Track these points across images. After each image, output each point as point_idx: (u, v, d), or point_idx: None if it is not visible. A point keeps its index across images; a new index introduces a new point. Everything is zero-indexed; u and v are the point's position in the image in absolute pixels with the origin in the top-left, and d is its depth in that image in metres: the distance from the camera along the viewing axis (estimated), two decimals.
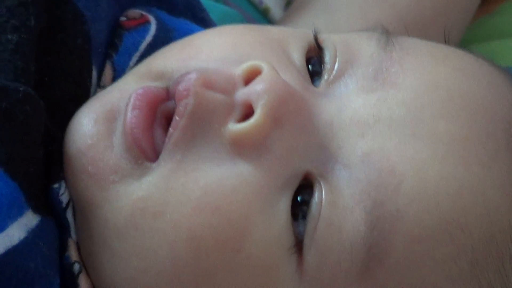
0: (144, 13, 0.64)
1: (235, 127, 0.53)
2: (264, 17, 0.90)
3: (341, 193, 0.52)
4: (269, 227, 0.52)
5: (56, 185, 0.54)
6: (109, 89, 0.58)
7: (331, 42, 0.58)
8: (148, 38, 0.62)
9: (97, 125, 0.54)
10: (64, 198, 0.54)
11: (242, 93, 0.53)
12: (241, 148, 0.52)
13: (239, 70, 0.54)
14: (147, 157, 0.53)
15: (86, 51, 0.59)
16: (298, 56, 0.58)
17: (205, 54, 0.57)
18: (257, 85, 0.53)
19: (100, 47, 0.60)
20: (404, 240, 0.51)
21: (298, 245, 0.52)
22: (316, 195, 0.52)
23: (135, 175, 0.53)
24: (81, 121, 0.55)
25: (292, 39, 0.59)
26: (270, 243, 0.52)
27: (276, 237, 0.52)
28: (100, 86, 0.60)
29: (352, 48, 0.58)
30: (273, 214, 0.52)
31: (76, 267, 0.54)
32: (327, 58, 0.58)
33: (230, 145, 0.52)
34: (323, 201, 0.52)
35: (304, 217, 0.52)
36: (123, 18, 0.63)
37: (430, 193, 0.52)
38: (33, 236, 0.51)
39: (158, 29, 0.63)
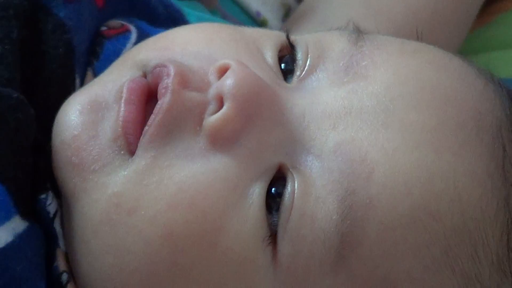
0: (124, 23, 0.65)
1: (207, 120, 0.53)
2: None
3: (313, 183, 0.52)
4: (244, 220, 0.52)
5: (43, 196, 0.54)
6: (92, 82, 0.59)
7: (303, 41, 0.59)
8: (129, 46, 0.64)
9: (82, 116, 0.55)
10: (52, 208, 0.55)
11: (214, 88, 0.54)
12: (214, 141, 0.53)
13: (211, 69, 0.55)
14: (130, 150, 0.53)
15: (69, 60, 0.59)
16: (270, 54, 0.59)
17: (179, 46, 0.58)
18: (227, 79, 0.54)
19: (82, 55, 0.61)
20: (377, 228, 0.51)
21: (273, 236, 0.53)
22: (289, 186, 0.53)
23: (114, 165, 0.53)
24: (66, 113, 0.56)
25: (265, 38, 0.60)
26: (245, 236, 0.52)
27: (251, 230, 0.52)
28: None
29: (323, 44, 0.59)
30: (248, 207, 0.52)
31: (64, 277, 0.54)
32: (299, 55, 0.59)
33: (203, 139, 0.53)
34: (296, 192, 0.52)
35: (278, 209, 0.53)
36: (103, 28, 0.64)
37: (402, 181, 0.52)
38: (20, 240, 0.51)
39: (138, 37, 0.64)
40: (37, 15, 0.59)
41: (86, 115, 0.55)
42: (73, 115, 0.55)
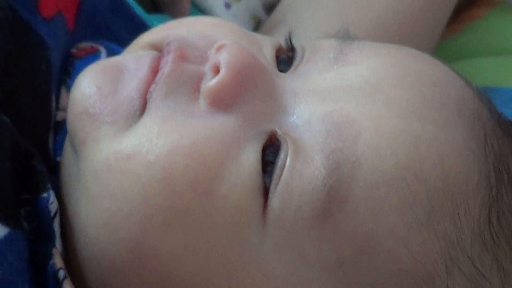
0: (93, 44, 0.68)
1: (205, 84, 0.56)
2: None
3: (303, 144, 0.54)
4: (241, 171, 0.53)
5: (45, 195, 0.55)
6: (114, 56, 0.62)
7: (299, 44, 0.63)
8: None
9: (104, 74, 0.57)
10: (53, 207, 0.55)
11: (211, 60, 0.57)
12: (212, 103, 0.55)
13: (212, 48, 0.58)
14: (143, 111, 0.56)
15: (49, 76, 0.61)
16: (268, 51, 0.62)
17: (186, 26, 0.61)
18: (223, 52, 0.57)
19: (56, 75, 0.63)
20: (362, 185, 0.53)
21: (265, 191, 0.54)
22: (282, 148, 0.55)
23: (128, 121, 0.55)
24: (88, 70, 0.58)
25: (264, 38, 0.64)
26: (241, 186, 0.53)
27: (247, 180, 0.53)
28: (59, 109, 0.63)
29: (316, 43, 0.62)
30: (245, 160, 0.54)
31: (61, 273, 0.54)
32: (297, 54, 0.61)
33: (202, 102, 0.56)
34: (288, 153, 0.54)
35: (271, 172, 0.54)
36: (73, 50, 0.67)
37: (387, 143, 0.54)
38: (1, 246, 0.51)
39: (108, 56, 0.66)
40: (20, 29, 0.60)
41: (108, 74, 0.57)
42: (95, 73, 0.58)
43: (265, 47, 0.62)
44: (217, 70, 0.56)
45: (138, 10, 0.76)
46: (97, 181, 0.54)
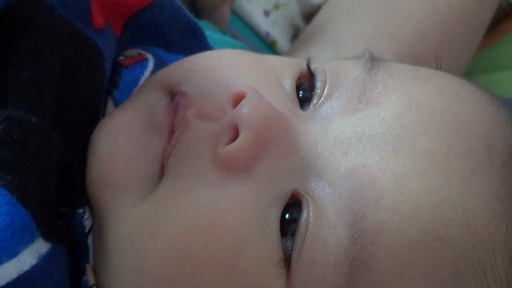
0: (141, 51, 0.67)
1: (222, 149, 0.55)
2: (271, 49, 0.91)
3: (325, 209, 0.53)
4: (260, 244, 0.53)
5: (80, 210, 0.55)
6: (125, 103, 0.61)
7: (322, 69, 0.60)
8: (147, 73, 0.65)
9: (119, 136, 0.57)
10: (88, 223, 0.56)
11: (229, 117, 0.56)
12: (230, 169, 0.54)
13: (227, 97, 0.57)
14: (161, 176, 0.55)
15: (102, 88, 0.61)
16: (289, 82, 0.60)
17: (202, 72, 0.60)
18: (242, 108, 0.55)
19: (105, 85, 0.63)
20: (386, 252, 0.52)
21: (287, 261, 0.53)
22: (304, 211, 0.54)
23: (146, 188, 0.55)
24: (103, 132, 0.58)
25: (285, 66, 0.62)
26: (261, 260, 0.53)
27: (267, 254, 0.53)
28: None
29: (340, 72, 0.60)
30: (263, 231, 0.53)
31: None
32: (318, 83, 0.60)
33: (219, 167, 0.54)
34: (310, 218, 0.53)
35: (293, 234, 0.54)
36: (121, 58, 0.65)
37: (410, 206, 0.52)
38: (45, 262, 0.52)
39: (155, 65, 0.65)
40: (79, 39, 0.59)
41: (123, 135, 0.57)
42: (111, 135, 0.57)
43: (285, 78, 0.60)
44: (235, 129, 0.55)
45: None
46: (121, 255, 0.54)
